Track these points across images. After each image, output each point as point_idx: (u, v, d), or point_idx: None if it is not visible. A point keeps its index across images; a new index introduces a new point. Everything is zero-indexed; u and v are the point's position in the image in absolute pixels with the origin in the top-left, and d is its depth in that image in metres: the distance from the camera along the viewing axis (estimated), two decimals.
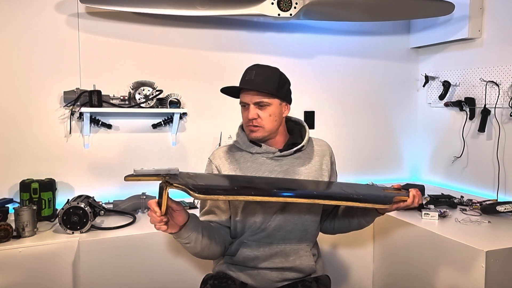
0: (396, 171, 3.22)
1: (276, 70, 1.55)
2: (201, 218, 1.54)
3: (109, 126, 2.44)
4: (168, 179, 1.23)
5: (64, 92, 2.30)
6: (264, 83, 1.49)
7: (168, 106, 2.44)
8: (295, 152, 1.58)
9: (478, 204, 2.37)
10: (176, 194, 1.42)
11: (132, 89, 2.39)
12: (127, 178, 1.26)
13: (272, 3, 2.40)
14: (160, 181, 1.28)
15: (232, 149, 1.62)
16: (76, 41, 2.37)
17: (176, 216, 1.33)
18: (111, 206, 2.29)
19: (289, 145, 1.60)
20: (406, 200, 1.49)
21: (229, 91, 1.56)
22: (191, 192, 1.18)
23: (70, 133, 2.37)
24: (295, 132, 1.66)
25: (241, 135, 1.61)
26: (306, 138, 1.61)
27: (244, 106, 1.54)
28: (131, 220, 2.13)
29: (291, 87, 1.61)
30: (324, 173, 1.61)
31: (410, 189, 1.53)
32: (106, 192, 2.44)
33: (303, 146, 1.59)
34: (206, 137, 2.67)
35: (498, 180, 2.57)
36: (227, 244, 1.56)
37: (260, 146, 1.57)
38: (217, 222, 1.53)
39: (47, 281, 1.85)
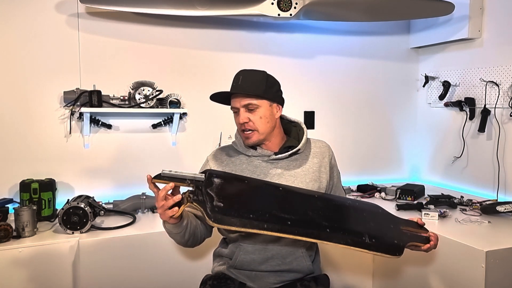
0: (396, 171, 3.22)
1: (262, 72, 1.56)
2: (186, 208, 1.54)
3: (109, 126, 2.44)
4: (191, 194, 1.29)
5: (64, 92, 2.30)
6: (250, 86, 1.50)
7: (168, 106, 2.44)
8: (291, 155, 1.57)
9: (478, 204, 2.37)
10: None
11: (132, 89, 2.39)
12: (154, 180, 1.29)
13: (272, 3, 2.40)
14: (186, 188, 1.33)
15: (230, 150, 1.63)
16: (76, 41, 2.37)
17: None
18: (111, 206, 2.29)
19: (285, 148, 1.59)
20: (420, 246, 1.48)
21: (221, 99, 1.57)
22: (206, 218, 1.25)
23: (70, 133, 2.37)
24: (293, 134, 1.64)
25: (238, 137, 1.61)
26: (303, 141, 1.59)
27: (235, 112, 1.55)
28: (131, 220, 2.13)
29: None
30: (323, 175, 1.60)
31: (431, 234, 1.50)
32: (106, 192, 2.44)
33: (299, 149, 1.58)
34: (206, 137, 2.67)
35: (498, 180, 2.57)
36: (205, 237, 1.57)
37: (256, 149, 1.57)
38: (200, 217, 1.53)
39: (47, 281, 1.85)
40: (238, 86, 1.51)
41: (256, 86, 1.51)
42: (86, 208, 1.95)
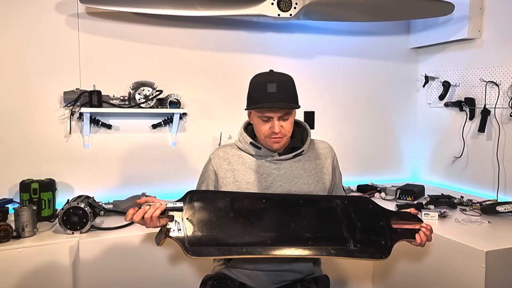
0: (396, 171, 3.22)
1: (290, 77, 1.53)
2: None
3: (109, 126, 2.44)
4: (169, 229, 1.32)
5: (64, 92, 2.30)
6: (290, 96, 1.48)
7: (168, 106, 2.44)
8: (295, 156, 1.57)
9: (478, 204, 2.37)
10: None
11: (132, 89, 2.39)
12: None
13: (272, 3, 2.40)
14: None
15: (233, 149, 1.62)
16: (76, 41, 2.37)
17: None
18: (111, 206, 2.29)
19: (289, 148, 1.59)
20: (412, 241, 1.45)
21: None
22: (184, 251, 1.28)
23: (70, 133, 2.37)
24: (297, 135, 1.63)
25: (242, 135, 1.60)
26: (307, 142, 1.60)
27: (264, 119, 1.49)
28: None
29: None
30: (325, 176, 1.60)
31: (423, 226, 1.43)
32: (106, 192, 2.44)
33: (303, 150, 1.58)
34: (206, 137, 2.67)
35: (498, 180, 2.57)
36: None
37: (260, 148, 1.56)
38: None
39: (47, 281, 1.85)
40: (275, 95, 1.44)
41: (293, 95, 1.50)
42: (86, 208, 1.95)
